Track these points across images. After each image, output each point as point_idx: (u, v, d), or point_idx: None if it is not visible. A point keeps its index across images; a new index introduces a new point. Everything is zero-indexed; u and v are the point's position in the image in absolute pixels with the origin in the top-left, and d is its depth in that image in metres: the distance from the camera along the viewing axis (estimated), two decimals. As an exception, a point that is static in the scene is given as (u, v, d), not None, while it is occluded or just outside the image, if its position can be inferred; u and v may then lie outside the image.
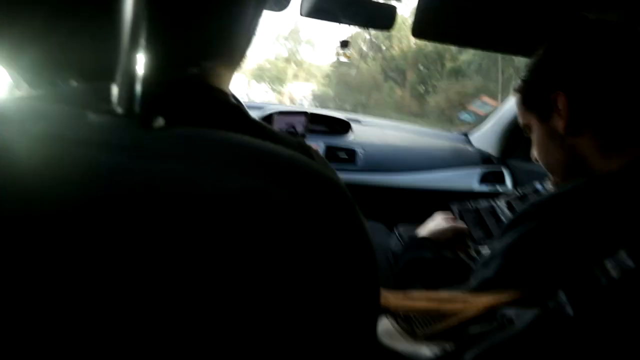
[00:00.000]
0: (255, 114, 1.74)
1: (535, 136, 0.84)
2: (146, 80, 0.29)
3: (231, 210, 0.28)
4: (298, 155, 0.35)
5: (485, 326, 0.48)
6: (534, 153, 0.87)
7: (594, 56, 0.73)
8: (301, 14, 1.28)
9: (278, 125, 1.38)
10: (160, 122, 0.31)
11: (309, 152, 0.53)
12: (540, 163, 0.86)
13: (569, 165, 0.79)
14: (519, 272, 0.64)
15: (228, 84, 0.53)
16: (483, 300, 0.54)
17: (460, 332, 0.50)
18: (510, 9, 1.17)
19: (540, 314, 0.38)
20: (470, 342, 0.45)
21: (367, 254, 0.33)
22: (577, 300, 0.34)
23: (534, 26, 1.16)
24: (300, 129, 1.40)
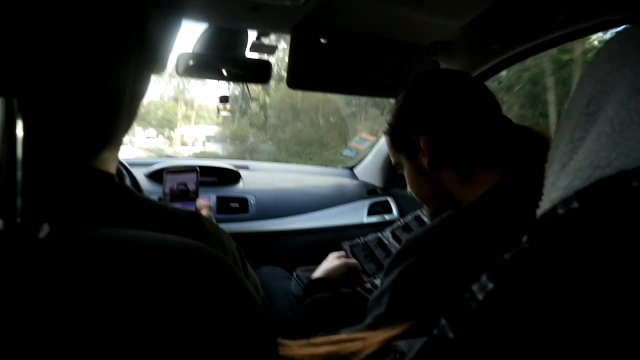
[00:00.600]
0: (142, 171, 1.70)
1: (406, 172, 0.92)
2: (31, 184, 0.30)
3: (128, 301, 0.30)
4: (179, 241, 0.37)
5: None
6: (408, 187, 0.95)
7: (444, 100, 0.83)
8: (178, 74, 1.30)
9: (169, 185, 1.36)
10: (45, 230, 0.32)
11: (200, 224, 0.55)
12: (414, 196, 0.94)
13: (438, 197, 0.87)
14: (407, 305, 0.70)
15: (114, 164, 0.54)
16: (379, 337, 0.57)
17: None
18: (374, 59, 1.28)
19: (427, 341, 0.41)
20: (370, 380, 0.49)
21: (251, 316, 0.36)
22: (455, 324, 0.37)
23: (394, 73, 1.29)
24: (192, 186, 1.39)
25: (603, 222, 0.36)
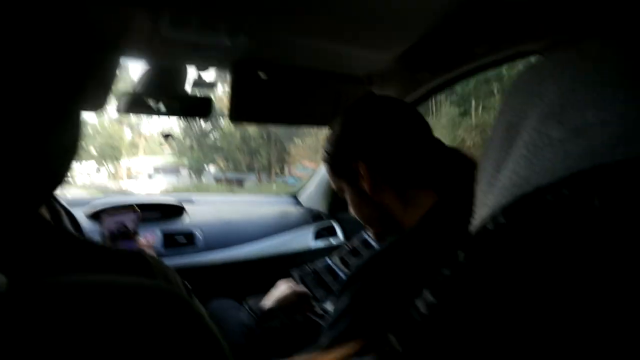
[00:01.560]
0: (80, 212, 1.65)
1: (348, 197, 0.95)
2: None
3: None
4: (135, 281, 0.39)
5: None
6: (351, 211, 0.98)
7: (379, 126, 0.87)
8: (118, 111, 1.29)
9: (108, 227, 1.34)
10: (2, 281, 0.34)
11: (145, 262, 0.56)
12: (358, 219, 0.97)
13: (380, 219, 0.91)
14: (359, 327, 0.73)
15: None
16: (331, 356, 0.60)
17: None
18: (312, 91, 1.34)
19: (377, 357, 0.43)
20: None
21: (211, 346, 0.39)
22: (402, 338, 0.40)
23: (332, 103, 1.35)
24: (131, 225, 1.37)
25: (526, 233, 0.41)
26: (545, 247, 0.41)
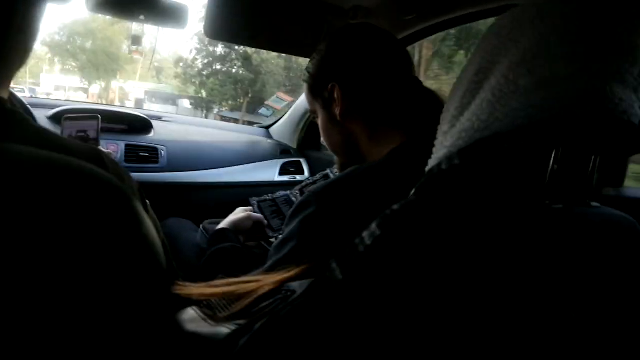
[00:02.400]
0: (42, 114, 1.59)
1: (320, 121, 0.95)
2: None
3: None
4: (77, 162, 0.37)
5: (273, 299, 0.54)
6: (321, 136, 0.98)
7: (362, 54, 0.86)
8: (87, 9, 1.22)
9: (68, 132, 1.29)
10: None
11: (99, 157, 0.54)
12: (326, 145, 0.98)
13: (347, 148, 0.92)
14: (304, 251, 0.73)
15: (6, 86, 0.51)
16: (273, 278, 0.60)
17: (254, 308, 0.56)
18: (293, 18, 1.28)
19: (316, 280, 0.43)
20: (260, 315, 0.52)
21: (142, 248, 0.37)
22: (344, 266, 0.40)
23: (313, 34, 1.30)
24: (92, 134, 1.32)
25: (478, 177, 0.41)
26: (495, 193, 0.41)
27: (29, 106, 1.44)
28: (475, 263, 0.36)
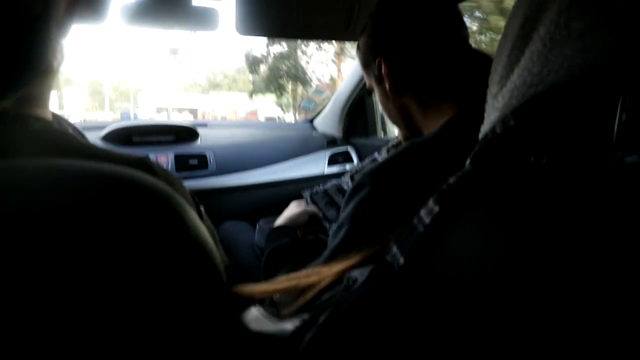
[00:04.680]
0: (94, 135, 1.65)
1: (377, 96, 0.93)
2: None
3: (58, 224, 0.30)
4: (124, 170, 0.36)
5: (336, 290, 0.53)
6: (380, 108, 0.96)
7: (402, 25, 0.83)
8: (123, 23, 1.24)
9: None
10: None
11: (148, 165, 0.54)
12: (387, 118, 0.95)
13: (404, 121, 0.89)
14: (363, 235, 0.71)
15: (46, 106, 0.52)
16: (334, 269, 0.58)
17: (317, 301, 0.54)
18: (323, 1, 1.26)
19: (377, 266, 0.41)
20: (324, 307, 0.50)
21: (194, 251, 0.36)
22: (405, 249, 0.38)
23: (346, 16, 1.27)
24: None
25: (538, 136, 0.37)
26: (558, 152, 0.37)
27: (81, 130, 1.49)
28: (547, 234, 0.32)
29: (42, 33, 0.42)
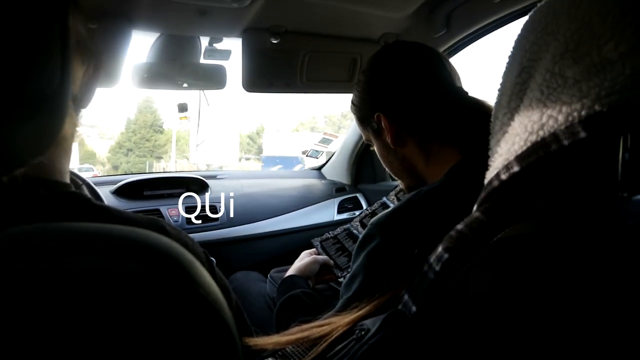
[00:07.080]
0: (106, 190, 1.68)
1: (376, 149, 0.94)
2: None
3: (77, 289, 0.31)
4: (136, 231, 0.38)
5: (348, 341, 0.52)
6: (382, 163, 0.96)
7: (397, 78, 0.84)
8: (134, 85, 1.29)
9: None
10: None
11: (161, 225, 0.55)
12: (388, 171, 0.96)
13: (407, 172, 0.90)
14: (375, 286, 0.71)
15: (66, 170, 0.54)
16: (346, 319, 0.58)
17: (329, 352, 0.54)
18: (326, 57, 1.30)
19: (388, 315, 0.41)
20: (337, 359, 0.50)
21: (206, 314, 0.37)
22: (416, 297, 0.38)
23: (348, 68, 1.31)
24: None
25: (542, 180, 0.38)
26: (564, 194, 0.38)
27: (93, 185, 1.52)
28: (558, 274, 0.33)
29: (60, 105, 0.44)
